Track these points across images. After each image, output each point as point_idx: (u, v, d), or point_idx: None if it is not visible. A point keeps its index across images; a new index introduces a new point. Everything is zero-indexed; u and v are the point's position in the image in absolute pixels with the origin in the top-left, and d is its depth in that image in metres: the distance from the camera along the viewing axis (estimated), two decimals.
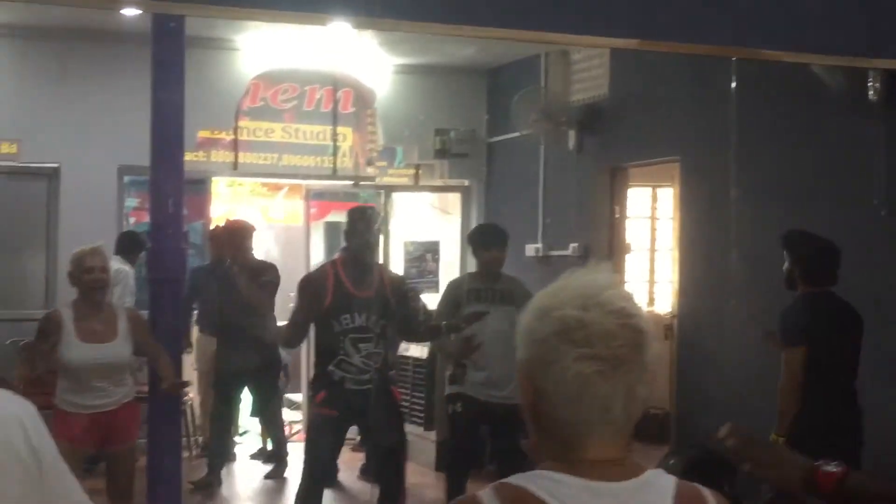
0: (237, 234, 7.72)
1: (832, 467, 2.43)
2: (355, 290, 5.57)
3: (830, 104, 6.05)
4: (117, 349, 5.19)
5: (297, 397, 9.80)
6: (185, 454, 7.70)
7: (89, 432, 5.08)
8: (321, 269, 6.00)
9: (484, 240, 6.39)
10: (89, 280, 5.27)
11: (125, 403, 5.24)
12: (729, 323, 6.19)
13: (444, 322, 6.33)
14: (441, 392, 7.00)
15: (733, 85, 5.18)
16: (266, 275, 7.56)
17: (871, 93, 5.97)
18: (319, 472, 5.75)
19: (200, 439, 8.60)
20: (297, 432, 8.99)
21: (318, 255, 10.22)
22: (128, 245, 8.22)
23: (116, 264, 7.97)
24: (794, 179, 6.38)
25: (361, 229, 5.66)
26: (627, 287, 7.45)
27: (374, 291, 5.60)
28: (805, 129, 6.36)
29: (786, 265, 5.14)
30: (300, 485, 5.74)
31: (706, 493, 1.93)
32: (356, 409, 5.56)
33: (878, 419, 5.16)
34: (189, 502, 6.63)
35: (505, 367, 5.86)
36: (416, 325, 6.01)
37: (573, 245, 8.44)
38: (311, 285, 5.72)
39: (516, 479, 1.81)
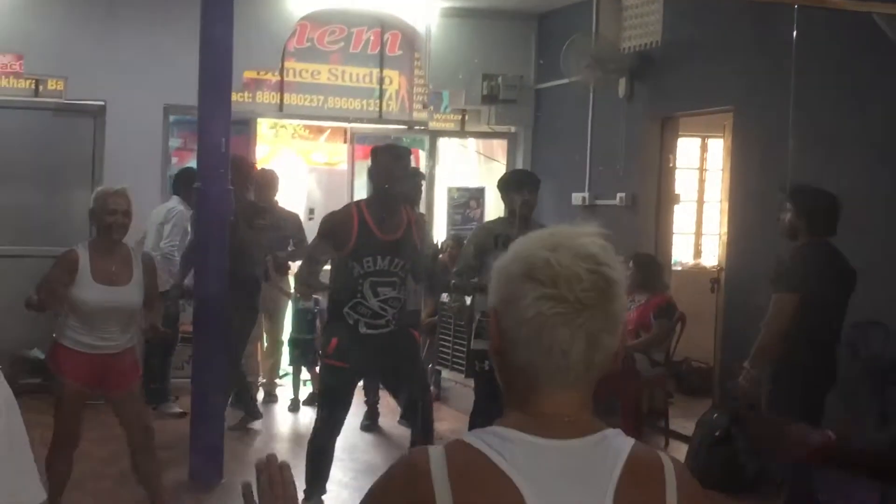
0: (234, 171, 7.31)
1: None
2: (381, 232, 5.46)
3: (892, 56, 5.96)
4: (131, 294, 5.15)
5: None
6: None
7: (90, 372, 5.06)
8: (346, 210, 5.74)
9: (516, 183, 6.32)
10: (111, 221, 5.18)
11: (127, 349, 5.23)
12: None
13: (453, 282, 6.32)
14: None
15: (794, 34, 5.07)
16: (259, 218, 7.43)
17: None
18: (331, 421, 5.70)
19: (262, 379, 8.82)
20: None
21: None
22: (186, 183, 7.77)
23: (173, 203, 8.01)
24: (852, 133, 6.29)
25: (390, 168, 5.53)
26: (676, 238, 7.35)
27: (400, 235, 5.49)
28: (866, 82, 6.25)
29: (788, 216, 5.33)
30: (314, 429, 5.74)
31: (665, 459, 1.88)
32: (370, 355, 5.49)
33: None
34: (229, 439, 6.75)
35: None
36: (434, 277, 5.99)
37: (620, 195, 8.40)
38: (335, 225, 5.56)
39: (469, 437, 1.81)
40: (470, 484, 1.77)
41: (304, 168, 11.16)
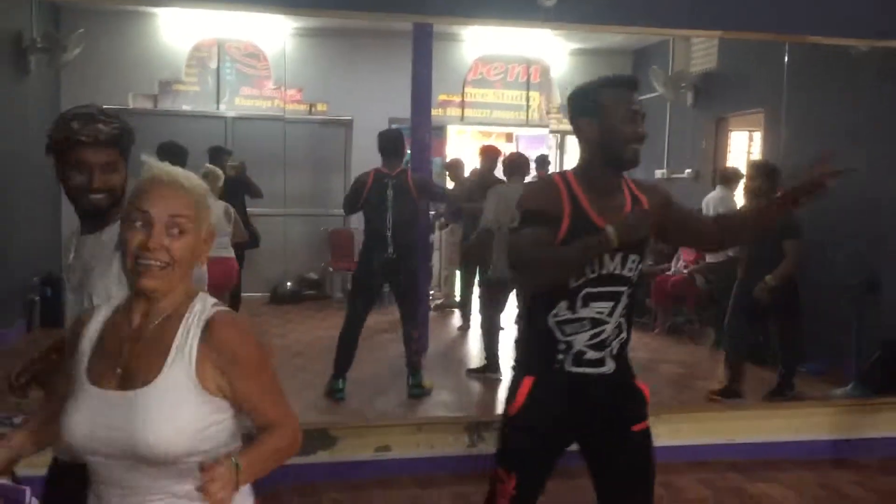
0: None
1: None
2: None
3: (865, 72, 6.00)
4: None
5: None
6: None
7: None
8: None
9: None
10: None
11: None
12: None
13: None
14: None
15: (786, 59, 5.29)
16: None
17: None
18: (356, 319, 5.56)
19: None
20: None
21: None
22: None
23: None
24: (833, 125, 6.36)
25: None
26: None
27: None
28: (843, 89, 6.27)
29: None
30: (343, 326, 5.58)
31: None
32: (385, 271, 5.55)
33: None
34: None
35: None
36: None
37: (688, 170, 8.62)
38: None
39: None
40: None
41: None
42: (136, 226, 1.57)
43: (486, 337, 6.28)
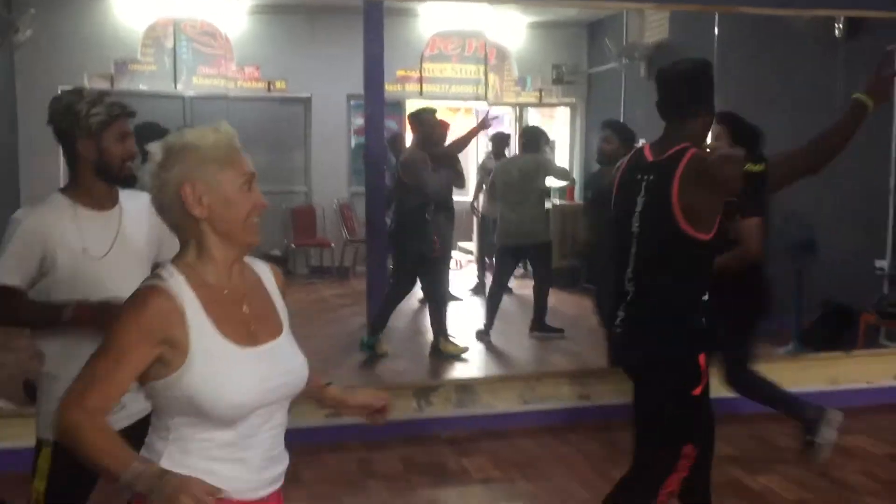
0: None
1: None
2: None
3: (801, 41, 6.17)
4: None
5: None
6: None
7: None
8: None
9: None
10: None
11: None
12: None
13: None
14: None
15: (716, 31, 5.43)
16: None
17: (836, 32, 6.06)
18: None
19: None
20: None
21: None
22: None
23: None
24: (770, 92, 6.55)
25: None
26: None
27: None
28: (777, 57, 6.44)
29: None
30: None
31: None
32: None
33: None
34: None
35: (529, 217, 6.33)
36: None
37: (642, 140, 8.68)
38: None
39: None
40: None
41: None
42: (245, 188, 1.68)
43: (489, 301, 6.55)
